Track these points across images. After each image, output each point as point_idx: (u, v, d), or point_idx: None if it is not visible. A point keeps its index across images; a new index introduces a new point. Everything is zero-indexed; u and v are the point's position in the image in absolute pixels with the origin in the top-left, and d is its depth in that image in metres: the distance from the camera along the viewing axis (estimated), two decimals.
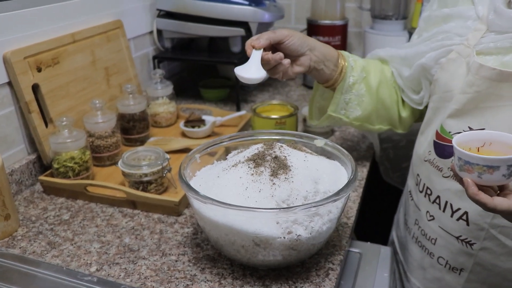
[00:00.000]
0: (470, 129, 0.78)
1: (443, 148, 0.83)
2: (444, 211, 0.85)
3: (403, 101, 1.02)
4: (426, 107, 0.95)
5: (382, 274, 0.87)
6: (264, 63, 0.83)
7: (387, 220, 1.23)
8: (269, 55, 0.83)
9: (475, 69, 0.76)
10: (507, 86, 0.73)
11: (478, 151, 0.65)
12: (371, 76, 0.97)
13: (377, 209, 1.41)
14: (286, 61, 0.85)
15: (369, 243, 0.94)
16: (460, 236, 0.83)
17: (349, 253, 0.90)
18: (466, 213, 0.81)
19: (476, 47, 0.78)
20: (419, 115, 1.04)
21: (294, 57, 0.88)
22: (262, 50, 0.83)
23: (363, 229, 1.24)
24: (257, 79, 0.81)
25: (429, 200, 0.88)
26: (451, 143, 0.75)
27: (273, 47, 0.86)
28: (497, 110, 0.75)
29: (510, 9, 0.74)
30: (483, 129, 0.76)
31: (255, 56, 0.82)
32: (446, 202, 0.84)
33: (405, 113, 1.02)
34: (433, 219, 0.88)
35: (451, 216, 0.83)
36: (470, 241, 0.82)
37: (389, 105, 1.00)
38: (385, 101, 0.99)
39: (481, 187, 0.63)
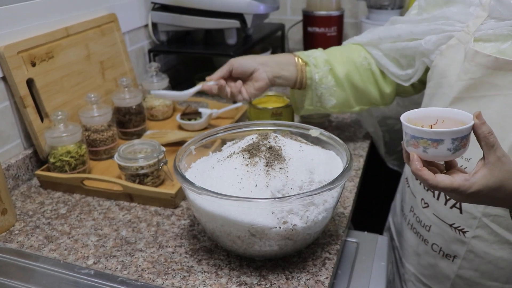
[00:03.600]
0: None
1: None
2: (438, 199, 0.86)
3: (384, 77, 1.03)
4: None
5: (379, 263, 0.87)
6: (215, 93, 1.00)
7: (385, 209, 1.23)
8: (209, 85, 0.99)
9: (470, 56, 0.75)
10: (501, 74, 0.72)
11: (431, 128, 0.64)
12: (336, 67, 1.00)
13: (375, 198, 1.41)
14: (237, 84, 0.99)
15: (366, 232, 0.94)
16: (454, 224, 0.84)
17: (346, 242, 0.90)
18: None
19: (475, 33, 0.77)
20: (402, 89, 1.05)
21: (250, 76, 0.99)
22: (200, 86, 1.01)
23: (361, 218, 1.24)
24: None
25: (424, 187, 0.89)
26: None
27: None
28: (491, 99, 0.74)
29: None
30: None
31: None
32: None
33: (388, 89, 1.04)
34: (428, 206, 0.89)
35: (445, 204, 0.84)
36: (463, 229, 0.82)
37: (363, 88, 1.02)
38: (358, 86, 1.02)
39: (428, 166, 0.62)
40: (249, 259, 0.76)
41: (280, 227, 0.67)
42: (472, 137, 0.60)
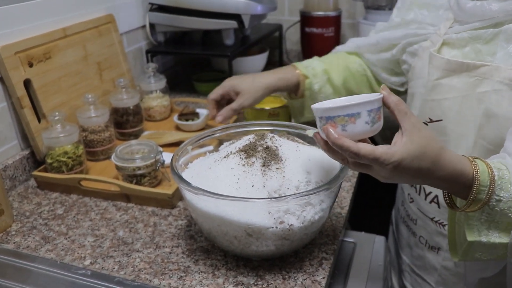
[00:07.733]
0: (431, 120, 0.79)
1: None
2: (419, 194, 0.90)
3: (378, 82, 1.07)
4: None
5: (376, 263, 0.87)
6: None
7: (383, 208, 1.24)
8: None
9: (430, 59, 0.79)
10: (456, 76, 0.74)
11: None
12: (333, 76, 1.05)
13: (373, 198, 1.41)
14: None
15: (363, 232, 0.94)
16: (434, 217, 0.87)
17: (343, 242, 0.90)
18: (436, 196, 0.85)
19: (444, 36, 0.80)
20: (395, 91, 1.08)
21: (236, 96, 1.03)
22: None
23: (358, 218, 1.24)
24: None
25: None
26: None
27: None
28: (452, 101, 0.76)
29: (471, 0, 0.75)
30: (435, 120, 0.78)
31: None
32: (421, 186, 0.89)
33: None
34: (413, 201, 0.93)
35: (425, 199, 0.88)
36: (442, 222, 0.86)
37: (359, 93, 1.05)
38: (354, 92, 1.07)
39: None
40: (246, 259, 0.76)
41: (276, 227, 0.67)
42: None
